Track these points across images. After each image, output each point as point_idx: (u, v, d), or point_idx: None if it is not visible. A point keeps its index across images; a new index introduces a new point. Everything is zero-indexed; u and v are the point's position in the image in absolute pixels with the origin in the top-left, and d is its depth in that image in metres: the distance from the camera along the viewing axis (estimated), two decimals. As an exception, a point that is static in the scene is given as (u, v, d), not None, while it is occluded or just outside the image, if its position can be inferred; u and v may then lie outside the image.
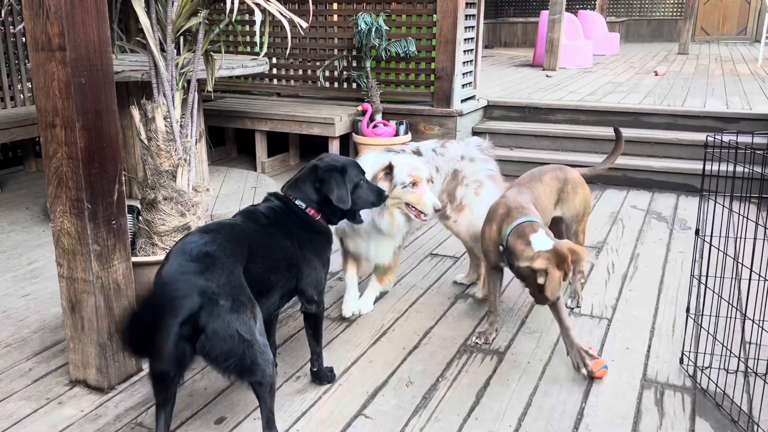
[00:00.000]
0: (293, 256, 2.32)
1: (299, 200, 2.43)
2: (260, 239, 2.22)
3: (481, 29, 6.23)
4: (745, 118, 5.70)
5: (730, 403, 2.44)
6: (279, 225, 2.33)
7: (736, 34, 16.43)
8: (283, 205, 2.42)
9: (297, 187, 2.46)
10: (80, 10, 2.23)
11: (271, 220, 2.33)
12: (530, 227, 2.56)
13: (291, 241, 2.32)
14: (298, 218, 2.40)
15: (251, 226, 2.26)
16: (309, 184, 2.46)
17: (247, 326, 1.94)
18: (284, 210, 2.40)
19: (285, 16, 2.83)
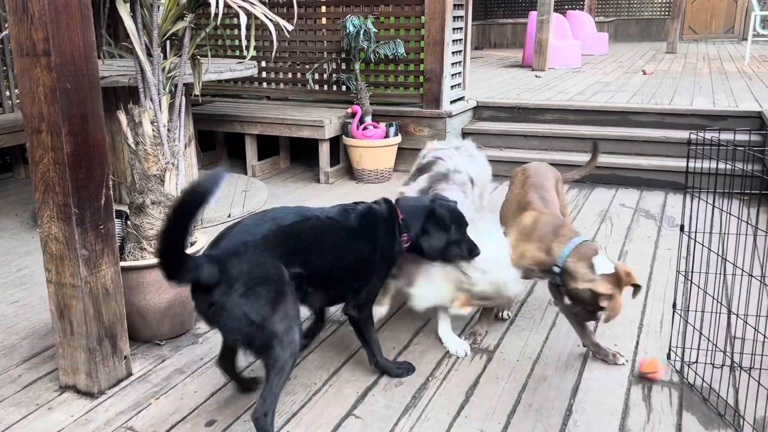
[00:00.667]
0: (369, 261, 2.43)
1: (407, 225, 2.51)
2: (333, 237, 2.35)
3: (469, 30, 6.26)
4: (731, 115, 5.74)
5: (717, 397, 2.47)
6: (369, 229, 2.44)
7: (723, 33, 16.55)
8: (387, 216, 2.50)
9: (410, 212, 2.53)
10: (65, 15, 2.24)
11: (362, 222, 2.42)
12: (591, 249, 2.53)
13: (375, 247, 2.43)
14: (391, 233, 2.49)
15: (329, 224, 2.36)
16: (420, 220, 2.52)
17: (257, 312, 2.07)
18: (385, 219, 2.49)
19: (270, 19, 2.84)
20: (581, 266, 2.49)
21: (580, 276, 2.49)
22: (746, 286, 3.07)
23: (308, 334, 2.87)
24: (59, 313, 2.52)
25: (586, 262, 2.48)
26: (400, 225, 2.51)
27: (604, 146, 5.76)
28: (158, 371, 2.73)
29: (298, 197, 5.28)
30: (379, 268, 2.48)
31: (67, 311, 2.49)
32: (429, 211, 2.55)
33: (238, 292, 2.06)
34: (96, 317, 2.51)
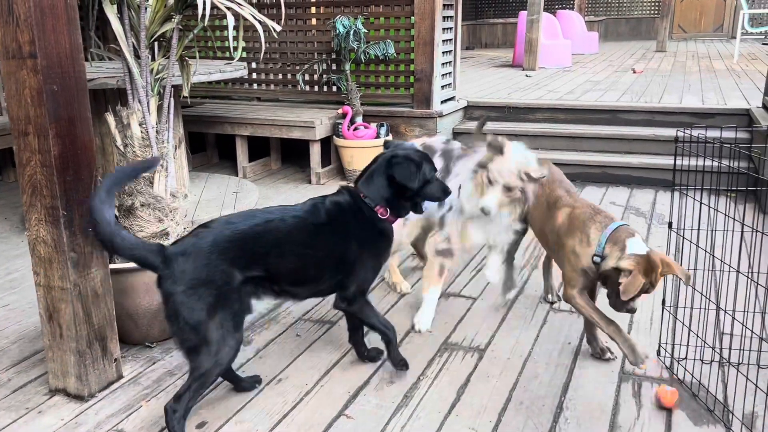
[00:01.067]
0: (346, 254, 2.39)
1: (369, 199, 2.45)
2: (297, 237, 2.30)
3: (459, 30, 6.27)
4: (720, 113, 5.78)
5: (706, 393, 2.48)
6: (339, 222, 2.39)
7: (712, 31, 16.64)
8: (351, 201, 2.45)
9: (369, 183, 2.48)
10: (50, 17, 2.23)
11: (331, 217, 2.38)
12: (626, 231, 2.47)
13: (348, 239, 2.39)
14: (363, 217, 2.44)
15: (294, 223, 2.31)
16: (382, 177, 2.46)
17: (192, 315, 2.10)
18: (351, 207, 2.44)
19: (258, 20, 2.84)
20: (615, 249, 2.44)
21: (611, 257, 2.44)
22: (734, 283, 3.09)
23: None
24: (48, 317, 2.51)
25: (620, 245, 2.43)
26: (366, 203, 2.45)
27: (594, 145, 5.81)
28: (149, 373, 2.72)
29: (290, 198, 5.28)
30: (361, 257, 2.43)
31: (56, 314, 2.48)
32: (386, 163, 2.46)
33: (180, 288, 2.10)
34: (85, 320, 2.50)
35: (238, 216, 2.28)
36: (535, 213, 2.92)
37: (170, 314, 2.13)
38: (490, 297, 3.41)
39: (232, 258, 2.16)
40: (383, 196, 2.46)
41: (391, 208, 2.49)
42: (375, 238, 2.48)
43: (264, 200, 5.18)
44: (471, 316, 3.20)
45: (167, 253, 2.13)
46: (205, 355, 2.14)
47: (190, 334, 2.12)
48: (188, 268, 2.10)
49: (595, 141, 5.82)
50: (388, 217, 2.49)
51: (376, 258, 2.51)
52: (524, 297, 3.40)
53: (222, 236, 2.17)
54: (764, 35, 14.48)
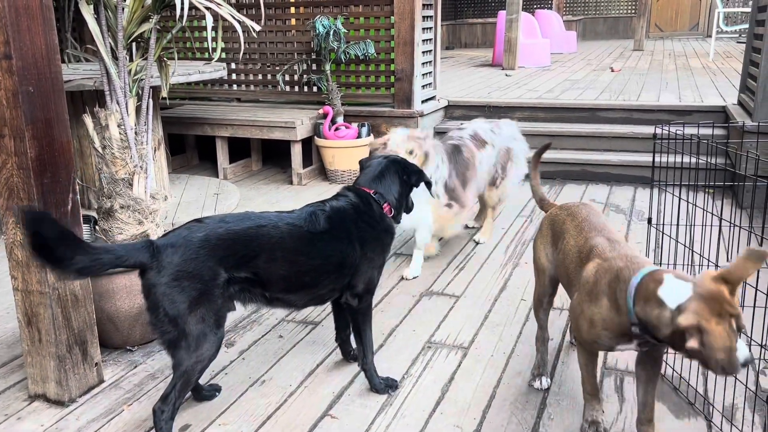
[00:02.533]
0: (347, 257, 2.37)
1: (380, 196, 2.53)
2: (290, 244, 2.26)
3: (438, 30, 6.28)
4: (697, 110, 5.85)
5: (687, 386, 2.51)
6: (338, 228, 2.37)
7: (688, 30, 16.86)
8: (359, 202, 2.47)
9: (381, 181, 2.56)
10: (25, 17, 2.20)
11: (331, 224, 2.36)
12: (651, 280, 1.83)
13: (350, 241, 2.38)
14: (370, 215, 2.47)
15: (287, 230, 2.27)
16: (396, 179, 2.58)
17: (174, 306, 2.08)
18: (357, 207, 2.45)
19: (237, 19, 2.82)
20: (650, 308, 1.81)
21: (656, 320, 1.80)
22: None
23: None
24: (27, 321, 2.47)
25: (654, 301, 1.79)
26: (376, 200, 2.51)
27: (574, 143, 5.85)
28: (130, 377, 2.70)
29: (271, 199, 5.25)
30: (366, 257, 2.43)
31: (34, 319, 2.45)
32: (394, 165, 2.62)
33: (164, 279, 2.08)
34: (65, 324, 2.46)
35: (233, 216, 2.26)
36: (565, 262, 2.30)
37: (152, 304, 2.10)
38: (472, 295, 3.42)
39: (221, 256, 2.14)
40: (394, 195, 2.57)
41: (396, 206, 2.59)
42: (382, 236, 2.51)
43: (245, 201, 5.15)
44: (454, 315, 3.20)
45: (156, 244, 2.11)
46: (184, 350, 2.12)
47: (169, 326, 2.09)
48: (175, 259, 2.08)
49: (575, 139, 5.87)
50: (392, 215, 2.57)
51: (382, 255, 2.53)
52: (507, 294, 3.42)
53: (214, 233, 2.16)
54: (739, 33, 14.70)
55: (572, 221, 2.35)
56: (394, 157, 2.67)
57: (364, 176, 2.60)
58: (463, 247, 4.13)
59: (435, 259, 3.93)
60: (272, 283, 2.26)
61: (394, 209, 2.58)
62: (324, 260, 2.33)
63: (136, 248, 2.08)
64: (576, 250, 2.24)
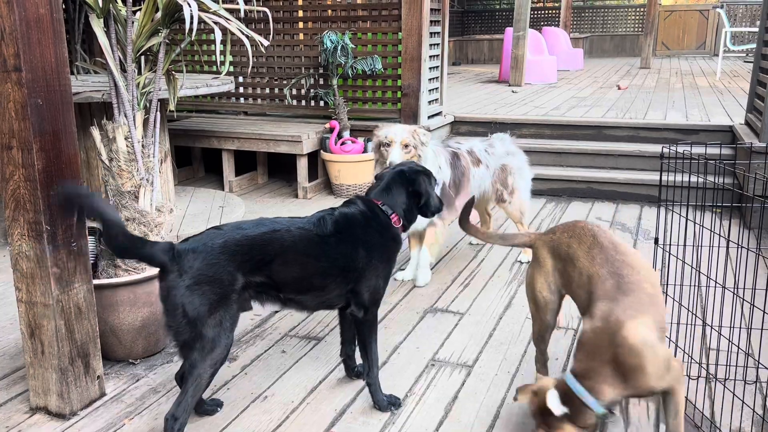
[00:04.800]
0: (354, 262, 2.40)
1: (387, 206, 2.53)
2: (301, 247, 2.32)
3: (446, 46, 6.31)
4: (703, 129, 5.84)
5: (693, 409, 2.48)
6: (346, 233, 2.41)
7: (695, 49, 16.89)
8: (366, 210, 2.50)
9: (388, 192, 2.57)
10: (36, 30, 2.21)
11: (338, 228, 2.40)
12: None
13: (356, 247, 2.41)
14: (378, 224, 2.49)
15: (299, 234, 2.33)
16: (402, 189, 2.58)
17: (194, 308, 2.12)
18: (365, 215, 2.48)
19: (246, 34, 2.83)
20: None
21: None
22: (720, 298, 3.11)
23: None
24: (30, 333, 2.46)
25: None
26: (383, 210, 2.52)
27: (580, 160, 5.85)
28: (132, 391, 2.68)
29: (276, 213, 5.25)
30: (371, 264, 2.44)
31: (38, 331, 2.44)
32: (400, 176, 2.60)
33: (185, 282, 2.12)
34: (68, 336, 2.46)
35: (249, 223, 2.32)
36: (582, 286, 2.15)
37: (170, 307, 2.14)
38: (477, 313, 3.40)
39: (240, 261, 2.20)
40: (400, 206, 2.56)
41: (405, 216, 2.59)
42: (388, 245, 2.51)
43: (250, 214, 5.15)
44: (458, 332, 3.18)
45: (177, 249, 2.16)
46: (198, 352, 2.15)
47: (187, 327, 2.13)
48: (197, 264, 2.14)
49: (581, 156, 5.86)
50: (401, 225, 2.57)
51: (388, 264, 2.52)
52: (512, 312, 3.40)
53: (233, 239, 2.21)
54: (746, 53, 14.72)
55: (579, 244, 2.20)
56: (402, 169, 2.66)
57: (374, 188, 2.63)
58: (468, 264, 4.12)
59: (440, 275, 3.91)
60: (286, 284, 2.32)
61: (403, 219, 2.58)
62: (330, 262, 2.37)
63: (161, 248, 2.15)
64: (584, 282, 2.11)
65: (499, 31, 16.53)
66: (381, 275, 2.49)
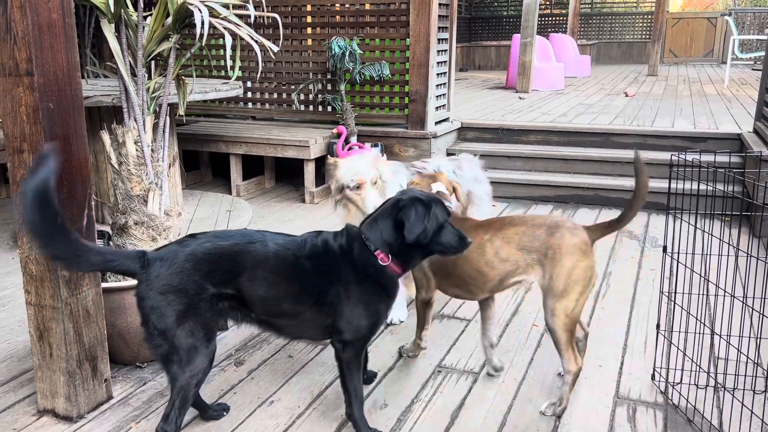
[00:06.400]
0: (325, 294, 2.21)
1: (371, 242, 2.23)
2: (273, 265, 2.18)
3: (453, 53, 6.32)
4: (711, 137, 5.83)
5: (701, 419, 2.47)
6: (322, 261, 2.23)
7: (703, 56, 16.86)
8: (345, 242, 2.26)
9: (374, 225, 2.26)
10: (48, 35, 2.23)
11: (316, 254, 2.23)
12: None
13: (329, 278, 2.21)
14: (359, 260, 2.23)
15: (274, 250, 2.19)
16: (389, 221, 2.23)
17: (162, 319, 2.09)
18: (343, 247, 2.25)
19: (255, 40, 2.85)
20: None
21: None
22: (729, 307, 3.10)
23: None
24: (38, 336, 2.47)
25: None
26: (365, 244, 2.23)
27: (588, 167, 5.84)
28: (139, 394, 2.69)
29: (284, 217, 5.26)
30: (349, 302, 2.23)
31: (46, 333, 2.45)
32: (393, 207, 2.25)
33: (152, 293, 2.09)
34: (76, 339, 2.47)
35: (227, 233, 2.26)
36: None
37: (143, 317, 2.13)
38: (484, 319, 3.39)
39: (206, 271, 2.13)
40: (386, 241, 2.23)
41: (397, 255, 2.25)
42: (368, 284, 2.25)
43: (258, 219, 5.17)
44: (465, 339, 3.18)
45: (147, 257, 2.13)
46: (177, 364, 2.12)
47: (160, 339, 2.11)
48: (162, 272, 2.10)
49: (588, 163, 5.85)
50: (389, 264, 2.24)
51: (368, 305, 2.26)
52: (518, 319, 3.39)
53: (202, 248, 2.15)
54: (754, 61, 14.69)
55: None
56: (398, 198, 2.29)
57: (365, 220, 2.34)
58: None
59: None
60: (255, 303, 2.20)
61: (394, 256, 2.24)
62: (301, 289, 2.21)
63: (128, 256, 2.12)
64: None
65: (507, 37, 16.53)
66: (362, 314, 2.25)
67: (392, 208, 2.25)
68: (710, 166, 2.49)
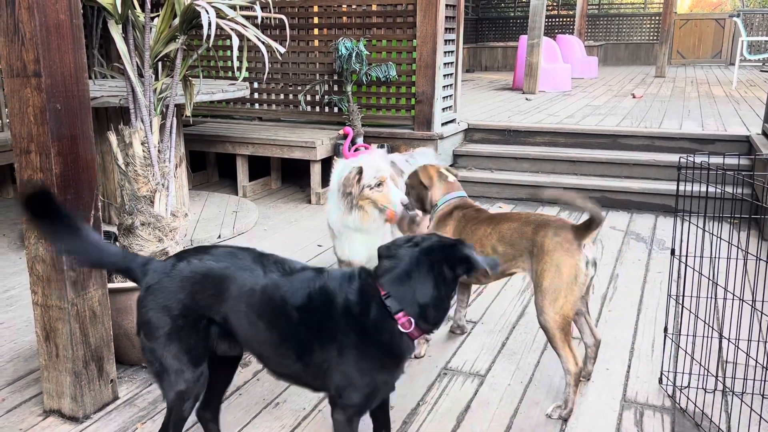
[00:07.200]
0: (311, 353, 1.88)
1: (396, 301, 1.85)
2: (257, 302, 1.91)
3: (460, 54, 6.31)
4: (720, 139, 5.80)
5: (709, 423, 2.45)
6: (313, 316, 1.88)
7: (711, 58, 16.79)
8: (355, 298, 1.88)
9: (404, 282, 1.86)
10: (56, 36, 2.23)
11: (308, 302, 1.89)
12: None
13: (323, 341, 1.87)
14: (370, 324, 1.86)
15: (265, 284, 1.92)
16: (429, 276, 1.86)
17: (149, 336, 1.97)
18: (348, 302, 1.88)
19: (262, 41, 2.85)
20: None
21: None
22: (737, 311, 3.07)
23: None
24: (45, 336, 2.48)
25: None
26: (383, 304, 1.86)
27: (595, 169, 5.82)
28: (145, 395, 2.69)
29: (290, 218, 5.26)
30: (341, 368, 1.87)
31: (53, 334, 2.46)
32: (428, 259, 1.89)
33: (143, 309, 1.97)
34: (82, 340, 2.47)
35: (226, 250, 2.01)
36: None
37: (136, 330, 2.03)
38: (490, 321, 3.38)
39: (190, 290, 1.93)
40: (420, 303, 1.86)
41: (424, 318, 1.88)
42: (375, 352, 1.88)
43: (264, 219, 5.17)
44: (471, 341, 3.17)
45: (148, 267, 2.00)
46: (166, 383, 1.99)
47: (151, 356, 1.99)
48: (154, 288, 1.96)
49: (596, 165, 5.83)
50: (411, 330, 1.87)
51: (371, 377, 1.89)
52: (525, 321, 3.38)
53: (190, 266, 1.96)
54: (762, 62, 14.61)
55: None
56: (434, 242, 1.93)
57: (387, 267, 1.92)
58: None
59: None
60: (239, 338, 1.98)
61: (419, 321, 1.88)
62: (282, 340, 1.91)
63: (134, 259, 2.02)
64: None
65: (514, 38, 16.51)
66: (357, 384, 1.88)
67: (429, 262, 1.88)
68: (719, 169, 2.47)
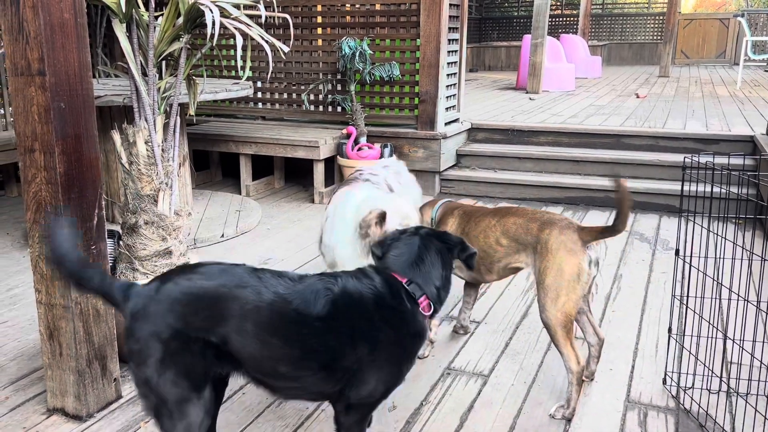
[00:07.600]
0: (340, 359, 1.84)
1: (416, 286, 1.93)
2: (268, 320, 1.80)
3: (464, 53, 6.30)
4: (724, 139, 5.78)
5: (713, 424, 2.44)
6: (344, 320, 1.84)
7: (715, 57, 16.74)
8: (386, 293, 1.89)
9: (420, 267, 1.94)
10: (60, 35, 2.24)
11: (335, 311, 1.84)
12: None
13: (352, 339, 1.84)
14: (396, 313, 1.89)
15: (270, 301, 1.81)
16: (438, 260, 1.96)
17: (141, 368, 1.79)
18: (381, 299, 1.88)
19: (266, 40, 2.84)
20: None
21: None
22: (742, 311, 3.06)
23: None
24: (49, 335, 2.48)
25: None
26: (410, 292, 1.93)
27: (598, 169, 5.81)
28: (148, 394, 2.69)
29: (293, 217, 5.26)
30: (374, 365, 1.87)
31: (56, 332, 2.46)
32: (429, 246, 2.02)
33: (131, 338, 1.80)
34: (86, 339, 2.47)
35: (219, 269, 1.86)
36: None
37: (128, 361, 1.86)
38: (493, 321, 3.38)
39: (180, 313, 1.78)
40: (435, 284, 1.97)
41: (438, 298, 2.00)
42: (407, 341, 1.92)
43: (267, 219, 5.17)
44: (474, 341, 3.17)
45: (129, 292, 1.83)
46: (167, 420, 1.81)
47: (146, 389, 1.81)
48: (140, 314, 1.79)
49: (599, 165, 5.82)
50: (430, 313, 1.97)
51: (400, 365, 1.95)
52: (529, 321, 3.37)
53: (180, 287, 1.81)
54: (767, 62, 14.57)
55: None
56: (428, 230, 2.09)
57: (396, 258, 1.98)
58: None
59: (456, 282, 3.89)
60: (244, 359, 1.83)
61: (434, 303, 1.98)
62: (305, 353, 1.82)
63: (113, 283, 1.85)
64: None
65: (517, 38, 16.49)
66: (385, 378, 1.90)
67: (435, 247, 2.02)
68: (723, 169, 2.46)
